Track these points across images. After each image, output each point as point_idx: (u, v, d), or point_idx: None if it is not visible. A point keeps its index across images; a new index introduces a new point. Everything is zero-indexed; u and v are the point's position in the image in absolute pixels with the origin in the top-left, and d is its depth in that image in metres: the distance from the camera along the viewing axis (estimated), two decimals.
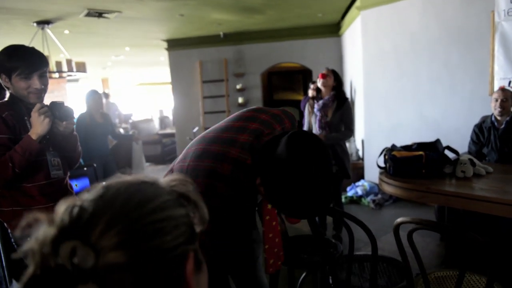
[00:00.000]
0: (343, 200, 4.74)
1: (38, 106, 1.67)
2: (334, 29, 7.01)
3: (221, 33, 7.11)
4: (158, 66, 11.85)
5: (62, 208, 0.46)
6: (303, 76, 10.08)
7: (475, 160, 2.46)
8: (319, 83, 3.58)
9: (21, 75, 1.67)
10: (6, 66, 1.67)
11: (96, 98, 4.24)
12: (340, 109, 3.51)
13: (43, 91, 1.75)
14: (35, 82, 1.71)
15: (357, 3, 5.10)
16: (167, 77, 8.18)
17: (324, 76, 3.52)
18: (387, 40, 4.81)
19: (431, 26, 4.38)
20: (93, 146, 4.15)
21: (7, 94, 1.82)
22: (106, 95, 10.52)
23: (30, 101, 1.74)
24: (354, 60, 5.76)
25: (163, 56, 9.02)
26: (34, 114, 1.66)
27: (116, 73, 14.65)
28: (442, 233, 1.49)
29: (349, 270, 1.82)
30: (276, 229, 1.42)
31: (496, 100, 3.21)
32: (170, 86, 8.04)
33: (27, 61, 1.68)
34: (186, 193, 0.54)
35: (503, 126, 3.23)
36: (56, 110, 1.71)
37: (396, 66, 4.72)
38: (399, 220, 1.46)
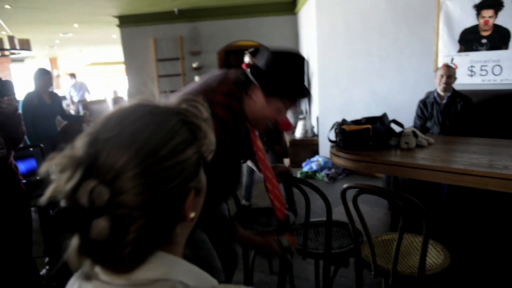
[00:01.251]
0: (298, 175, 4.89)
1: None
2: (290, 7, 7.04)
3: (176, 10, 6.92)
4: (111, 44, 11.38)
5: (80, 144, 0.52)
6: None
7: (418, 132, 2.62)
8: None
9: None
10: None
11: (44, 78, 4.03)
12: None
13: None
14: None
15: None
16: (121, 57, 7.89)
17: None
18: (340, 18, 4.91)
19: (380, 5, 4.51)
20: (41, 127, 3.97)
21: None
22: (73, 76, 10.09)
23: None
24: (309, 38, 5.84)
25: (115, 34, 8.66)
26: None
27: (65, 52, 13.89)
28: (382, 196, 1.59)
29: (306, 235, 1.90)
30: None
31: (442, 76, 3.39)
32: (123, 66, 7.77)
33: None
34: (197, 123, 0.58)
35: (444, 101, 3.44)
36: None
37: (349, 43, 4.84)
38: (345, 185, 1.56)
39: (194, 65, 7.24)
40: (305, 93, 1.42)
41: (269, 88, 1.35)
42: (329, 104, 5.11)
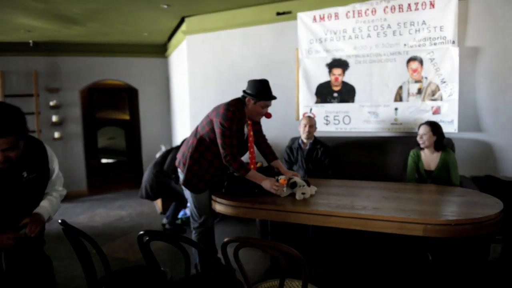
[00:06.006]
0: (179, 222, 4.74)
1: None
2: (161, 50, 7.03)
3: (31, 41, 6.23)
4: None
5: None
6: (129, 94, 9.71)
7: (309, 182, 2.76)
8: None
9: None
10: None
11: None
12: None
13: None
14: None
15: (183, 28, 5.25)
16: None
17: None
18: (211, 66, 5.09)
19: (248, 57, 4.85)
20: None
21: None
22: None
23: None
24: (181, 83, 5.88)
25: None
26: None
27: None
28: (264, 250, 1.62)
29: None
30: None
31: (305, 126, 3.78)
32: None
33: None
34: None
35: (307, 147, 3.80)
36: None
37: (220, 91, 5.01)
38: (226, 240, 1.54)
39: (52, 103, 6.52)
40: (272, 96, 2.85)
41: (254, 97, 2.79)
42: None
